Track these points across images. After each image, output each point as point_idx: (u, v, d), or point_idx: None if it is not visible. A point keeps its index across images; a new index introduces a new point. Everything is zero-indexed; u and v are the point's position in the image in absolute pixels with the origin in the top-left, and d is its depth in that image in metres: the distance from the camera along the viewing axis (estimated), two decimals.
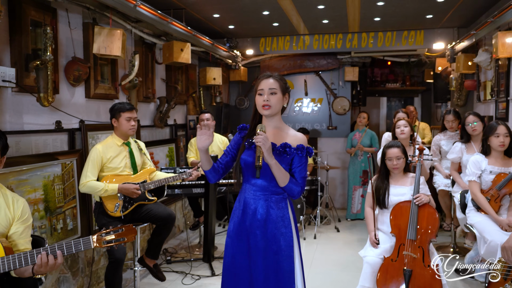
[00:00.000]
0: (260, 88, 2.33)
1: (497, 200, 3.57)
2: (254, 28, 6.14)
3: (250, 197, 2.36)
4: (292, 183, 2.33)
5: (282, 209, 2.39)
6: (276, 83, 2.34)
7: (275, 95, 2.32)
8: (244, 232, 2.37)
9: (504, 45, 4.04)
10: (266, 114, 2.33)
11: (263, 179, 2.33)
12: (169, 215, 3.68)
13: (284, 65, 7.59)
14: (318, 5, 4.87)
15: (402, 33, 6.23)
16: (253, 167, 2.31)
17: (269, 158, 2.21)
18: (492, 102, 5.21)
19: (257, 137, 2.19)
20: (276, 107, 2.33)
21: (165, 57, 4.76)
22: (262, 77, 2.38)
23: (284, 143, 2.34)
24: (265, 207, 2.35)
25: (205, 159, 2.36)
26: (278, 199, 2.38)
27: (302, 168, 2.39)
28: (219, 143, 5.32)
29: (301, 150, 2.35)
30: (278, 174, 2.27)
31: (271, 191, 2.36)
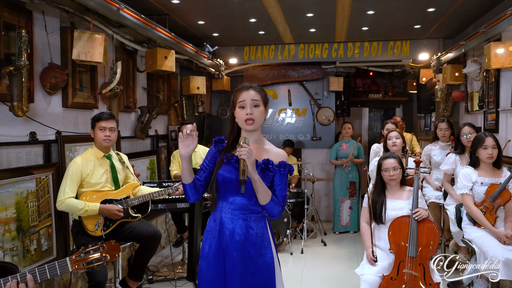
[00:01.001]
0: (241, 100, 2.15)
1: (493, 212, 3.48)
2: (239, 36, 5.97)
3: (227, 216, 2.17)
4: (274, 202, 2.16)
5: (262, 228, 2.22)
6: (258, 95, 2.18)
7: (258, 107, 2.15)
8: (221, 254, 2.17)
9: (497, 56, 3.99)
10: (249, 129, 2.16)
11: (242, 197, 2.15)
12: (154, 233, 3.43)
13: (268, 74, 7.44)
14: (307, 13, 4.74)
15: (388, 43, 6.18)
16: (232, 184, 2.14)
17: (253, 173, 2.04)
18: (480, 113, 5.18)
19: (241, 149, 2.02)
20: (260, 120, 2.17)
21: (148, 64, 4.53)
22: (242, 88, 2.20)
23: (266, 159, 2.17)
24: (244, 227, 2.16)
25: (187, 170, 2.13)
26: (257, 218, 2.21)
27: (283, 186, 2.23)
28: (203, 155, 5.08)
29: (284, 167, 2.20)
30: (261, 191, 2.10)
31: (250, 209, 2.18)
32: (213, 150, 2.26)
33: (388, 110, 10.27)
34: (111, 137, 3.32)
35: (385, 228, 3.42)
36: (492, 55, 4.01)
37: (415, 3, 4.36)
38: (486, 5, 4.45)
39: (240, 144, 2.07)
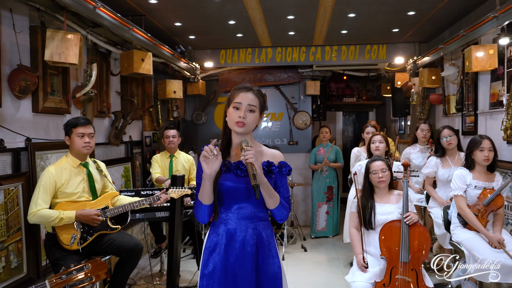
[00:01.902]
0: (238, 101, 2.01)
1: (484, 216, 3.48)
2: (216, 39, 5.82)
3: (236, 227, 2.02)
4: (282, 205, 2.05)
5: (269, 236, 2.11)
6: (256, 100, 2.04)
7: (253, 113, 2.02)
8: (230, 271, 2.01)
9: (478, 59, 4.02)
10: (238, 132, 2.02)
11: (250, 204, 2.03)
12: (136, 245, 3.23)
13: (244, 78, 7.32)
14: (288, 15, 4.66)
15: (365, 47, 6.19)
16: (236, 192, 2.01)
17: (261, 176, 1.92)
18: (458, 116, 5.24)
19: (247, 153, 1.88)
20: (251, 126, 2.04)
21: (123, 67, 4.31)
22: (241, 88, 2.06)
23: (266, 161, 2.05)
24: (254, 237, 2.04)
25: (210, 190, 1.94)
26: (265, 225, 2.09)
27: (285, 187, 2.12)
28: (184, 162, 4.90)
29: (285, 167, 2.09)
30: (269, 195, 1.98)
31: (258, 217, 2.06)
32: None
33: (361, 114, 10.35)
34: (91, 144, 3.11)
35: (375, 233, 3.35)
36: (473, 58, 4.04)
37: (396, 7, 4.35)
38: (465, 9, 4.50)
39: (242, 147, 1.93)
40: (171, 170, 4.86)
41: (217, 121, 7.64)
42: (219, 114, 7.64)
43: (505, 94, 4.03)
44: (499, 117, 4.18)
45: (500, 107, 4.16)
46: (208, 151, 1.89)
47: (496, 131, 4.21)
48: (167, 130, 4.82)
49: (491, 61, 4.00)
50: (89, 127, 3.13)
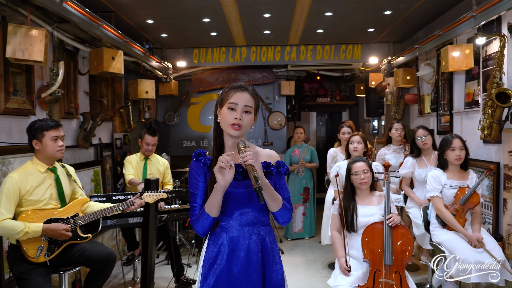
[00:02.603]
0: (233, 102, 1.89)
1: (462, 215, 3.48)
2: (189, 38, 5.65)
3: (239, 235, 1.90)
4: (284, 207, 1.95)
5: (273, 242, 2.00)
6: (252, 100, 1.93)
7: (249, 114, 1.91)
8: (235, 284, 1.88)
9: (454, 59, 4.03)
10: (233, 134, 1.89)
11: (252, 209, 1.92)
12: (109, 255, 3.03)
13: (217, 78, 7.17)
14: (264, 14, 4.55)
15: (340, 47, 6.16)
16: (238, 197, 1.89)
17: (263, 177, 1.81)
18: (432, 116, 5.27)
19: (245, 154, 1.77)
20: (247, 128, 1.93)
21: (92, 66, 4.09)
22: (236, 87, 1.93)
23: (264, 162, 1.94)
24: (259, 244, 1.92)
25: (219, 203, 1.82)
26: (268, 230, 1.98)
27: (285, 188, 2.02)
28: (158, 166, 4.71)
29: (283, 167, 1.99)
30: (272, 197, 1.87)
31: (261, 222, 1.95)
32: (197, 166, 1.95)
33: (334, 114, 10.38)
34: (63, 147, 2.91)
35: (357, 236, 3.29)
36: (449, 58, 4.04)
37: (373, 6, 4.32)
38: (440, 9, 4.52)
39: (240, 149, 1.81)
40: (145, 173, 4.66)
41: (190, 122, 7.46)
42: (192, 115, 7.46)
43: (480, 93, 4.06)
44: (475, 116, 4.21)
45: (475, 106, 4.18)
46: (225, 161, 1.75)
47: (472, 130, 4.24)
48: (148, 135, 4.58)
49: (467, 61, 4.02)
50: (60, 130, 2.94)
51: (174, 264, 4.40)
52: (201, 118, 7.48)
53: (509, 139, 3.59)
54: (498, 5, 3.23)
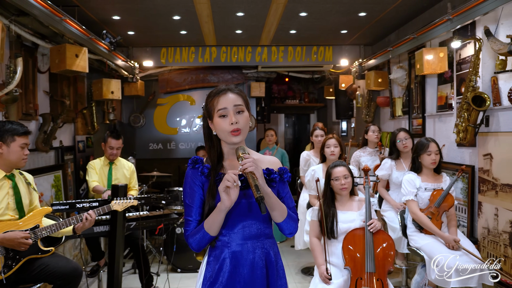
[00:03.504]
0: (222, 108, 1.73)
1: (438, 218, 3.46)
2: (157, 36, 5.41)
3: (242, 249, 1.75)
4: (290, 217, 1.80)
5: (277, 255, 1.85)
6: (239, 98, 1.77)
7: (243, 113, 1.76)
8: None
9: (429, 62, 4.02)
10: (237, 142, 1.74)
11: (255, 220, 1.77)
12: (74, 270, 2.78)
13: (186, 79, 6.95)
14: (237, 12, 4.39)
15: (311, 49, 6.09)
16: (239, 208, 1.74)
17: (265, 186, 1.68)
18: (404, 119, 5.29)
19: (245, 161, 1.64)
20: (246, 129, 1.78)
21: (53, 64, 3.79)
22: (218, 92, 1.78)
23: (266, 169, 1.80)
24: (263, 258, 1.77)
25: (221, 222, 1.70)
26: (272, 243, 1.84)
27: (289, 196, 1.88)
28: (124, 170, 4.45)
29: (286, 174, 1.85)
30: (276, 207, 1.73)
31: (265, 234, 1.80)
32: (195, 175, 1.78)
33: (301, 116, 10.36)
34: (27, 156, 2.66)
35: (337, 243, 3.20)
36: (424, 61, 4.04)
37: (348, 7, 4.26)
38: (414, 12, 4.52)
39: (239, 156, 1.67)
40: (110, 179, 4.39)
41: (156, 124, 7.19)
42: (159, 117, 7.20)
43: (454, 97, 4.08)
44: (448, 119, 4.23)
45: (449, 110, 4.20)
46: (231, 180, 1.61)
47: (446, 133, 4.25)
48: (111, 139, 4.31)
49: (442, 64, 4.03)
50: (28, 137, 2.69)
51: (144, 274, 4.16)
52: (168, 120, 7.23)
53: (483, 142, 3.61)
54: (476, 9, 3.23)
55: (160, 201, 3.89)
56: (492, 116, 3.53)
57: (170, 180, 6.84)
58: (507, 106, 3.36)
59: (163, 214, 4.04)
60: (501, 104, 3.49)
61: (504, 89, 3.52)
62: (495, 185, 3.47)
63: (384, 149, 4.90)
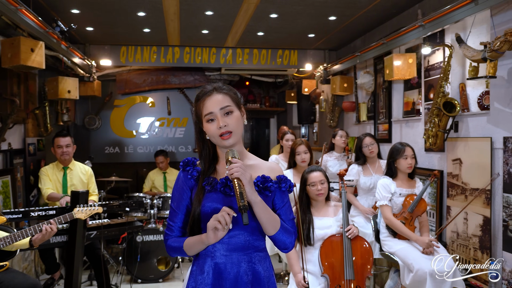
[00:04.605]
0: (208, 112, 1.62)
1: (411, 223, 3.47)
2: (118, 33, 5.13)
3: (225, 261, 1.61)
4: (284, 230, 1.66)
5: (268, 270, 1.71)
6: (226, 98, 1.65)
7: (231, 114, 1.63)
8: None
9: (399, 68, 4.06)
10: (229, 144, 1.62)
11: (243, 231, 1.62)
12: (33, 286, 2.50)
13: (145, 80, 6.67)
14: (206, 11, 4.23)
15: (277, 52, 6.03)
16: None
17: (253, 194, 1.55)
18: (369, 124, 5.33)
19: (232, 165, 1.52)
20: (239, 129, 1.65)
21: (5, 58, 3.45)
22: (203, 95, 1.66)
23: (262, 176, 1.66)
24: (249, 273, 1.63)
25: (201, 250, 1.64)
26: (262, 257, 1.69)
27: (288, 207, 1.75)
28: (81, 175, 4.14)
29: (285, 183, 1.71)
30: (267, 218, 1.60)
31: (253, 247, 1.66)
32: (183, 179, 1.67)
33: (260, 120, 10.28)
34: None
35: (313, 250, 3.12)
36: (394, 66, 4.07)
37: (319, 10, 4.21)
38: (383, 18, 4.55)
39: (228, 159, 1.54)
40: (65, 185, 4.07)
41: (113, 126, 6.85)
42: (116, 119, 6.87)
43: (422, 102, 4.14)
44: (416, 125, 4.29)
45: (416, 115, 4.26)
46: (223, 223, 1.50)
47: (413, 138, 4.31)
48: (57, 138, 4.00)
49: (411, 70, 4.08)
50: None
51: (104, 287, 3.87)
52: (125, 122, 6.91)
53: (453, 147, 3.67)
54: (449, 16, 3.27)
55: (124, 208, 3.64)
56: (461, 121, 3.60)
57: (128, 186, 6.52)
58: (476, 112, 3.44)
59: (127, 222, 3.79)
60: (469, 110, 3.57)
61: (472, 96, 3.60)
62: (464, 189, 3.53)
63: (352, 153, 4.90)
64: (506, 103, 3.08)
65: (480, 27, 3.43)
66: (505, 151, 3.06)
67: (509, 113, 3.05)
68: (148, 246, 4.74)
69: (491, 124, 3.24)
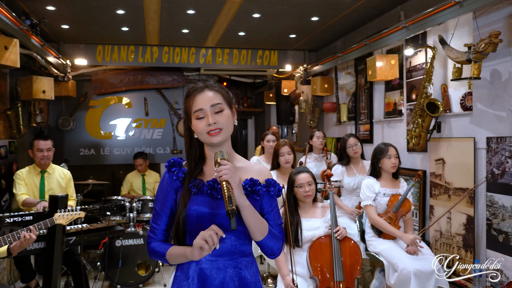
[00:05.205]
0: (198, 109, 1.57)
1: (396, 222, 3.49)
2: (94, 32, 4.97)
3: (211, 267, 1.56)
4: (272, 235, 1.62)
5: (255, 276, 1.66)
6: (218, 95, 1.60)
7: (222, 112, 1.58)
8: None
9: (381, 69, 4.08)
10: (217, 142, 1.57)
11: (230, 235, 1.57)
12: None
13: (122, 80, 6.51)
14: (188, 10, 4.15)
15: (257, 52, 5.99)
16: (212, 221, 1.54)
17: (242, 198, 1.49)
18: (349, 124, 5.36)
19: (220, 167, 1.46)
20: (228, 128, 1.60)
21: None
22: (193, 91, 1.61)
23: (250, 179, 1.62)
24: (236, 279, 1.58)
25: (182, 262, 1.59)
26: (248, 262, 1.64)
27: (276, 212, 1.70)
28: (60, 179, 3.97)
29: (273, 187, 1.67)
30: (255, 223, 1.54)
31: (240, 252, 1.60)
32: (169, 180, 1.61)
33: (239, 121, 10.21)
34: None
35: (301, 252, 3.09)
36: (377, 67, 4.09)
37: (303, 10, 4.20)
38: (365, 19, 4.57)
39: (217, 161, 1.48)
40: (42, 189, 3.89)
41: (88, 127, 6.65)
42: (91, 120, 6.67)
43: (404, 103, 4.18)
44: (398, 125, 4.33)
45: (398, 116, 4.30)
46: (210, 243, 1.44)
47: (395, 139, 4.35)
48: (38, 141, 3.81)
49: (393, 71, 4.11)
50: None
51: None
52: (101, 124, 6.72)
53: (435, 148, 3.72)
54: (433, 18, 3.31)
55: (105, 212, 3.52)
56: (444, 122, 3.65)
57: (104, 189, 6.35)
58: (459, 113, 3.49)
59: (108, 227, 3.66)
60: (451, 111, 3.62)
61: (454, 96, 3.66)
62: (447, 189, 3.58)
63: (330, 154, 4.90)
64: (489, 104, 3.14)
65: (462, 29, 3.49)
66: (488, 151, 3.11)
67: (492, 113, 3.11)
68: (128, 251, 4.61)
69: (474, 125, 3.30)
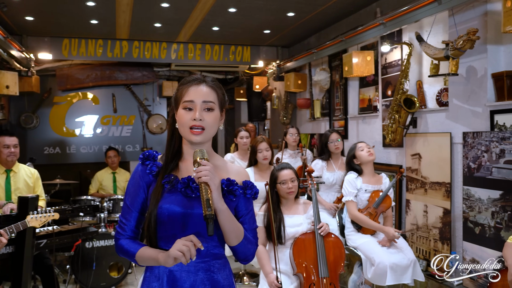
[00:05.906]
0: (188, 99, 1.48)
1: (376, 218, 3.52)
2: (60, 24, 4.74)
3: (181, 269, 1.49)
4: (247, 240, 1.56)
5: (228, 278, 1.59)
6: (213, 93, 1.52)
7: (211, 112, 1.50)
8: None
9: (358, 65, 4.11)
10: (196, 142, 1.48)
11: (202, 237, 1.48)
12: None
13: (89, 75, 6.26)
14: (162, 3, 4.02)
15: (230, 48, 5.91)
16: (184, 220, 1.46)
17: (220, 201, 1.42)
18: (323, 120, 5.39)
19: (200, 168, 1.38)
20: (212, 130, 1.51)
21: None
22: (190, 81, 1.52)
23: (227, 179, 1.54)
24: (207, 283, 1.51)
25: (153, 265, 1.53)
26: (221, 265, 1.57)
27: (252, 215, 1.63)
28: (27, 178, 3.76)
29: (250, 189, 1.59)
30: (231, 227, 1.48)
31: (212, 254, 1.53)
32: (141, 174, 1.51)
33: None
34: None
35: (284, 248, 3.06)
36: (353, 63, 4.11)
37: (279, 5, 4.16)
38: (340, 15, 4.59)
39: (196, 160, 1.39)
40: (8, 189, 3.67)
41: (53, 125, 6.36)
42: (56, 117, 6.39)
43: (379, 99, 4.23)
44: (373, 121, 4.38)
45: (374, 112, 4.35)
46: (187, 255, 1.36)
47: (370, 134, 4.40)
48: (3, 137, 3.60)
49: (369, 67, 4.15)
50: None
51: None
52: (67, 121, 6.45)
53: (411, 143, 3.78)
54: (411, 15, 3.35)
55: (78, 213, 3.36)
56: (419, 118, 3.72)
57: (71, 188, 6.10)
58: (435, 109, 3.56)
59: (81, 228, 3.50)
60: (426, 107, 3.69)
61: (429, 93, 3.73)
62: (424, 183, 3.65)
63: (306, 150, 4.91)
64: (464, 100, 3.22)
65: (437, 27, 3.56)
66: (465, 146, 3.19)
67: (468, 109, 3.19)
68: (99, 252, 4.44)
69: (450, 120, 3.37)
